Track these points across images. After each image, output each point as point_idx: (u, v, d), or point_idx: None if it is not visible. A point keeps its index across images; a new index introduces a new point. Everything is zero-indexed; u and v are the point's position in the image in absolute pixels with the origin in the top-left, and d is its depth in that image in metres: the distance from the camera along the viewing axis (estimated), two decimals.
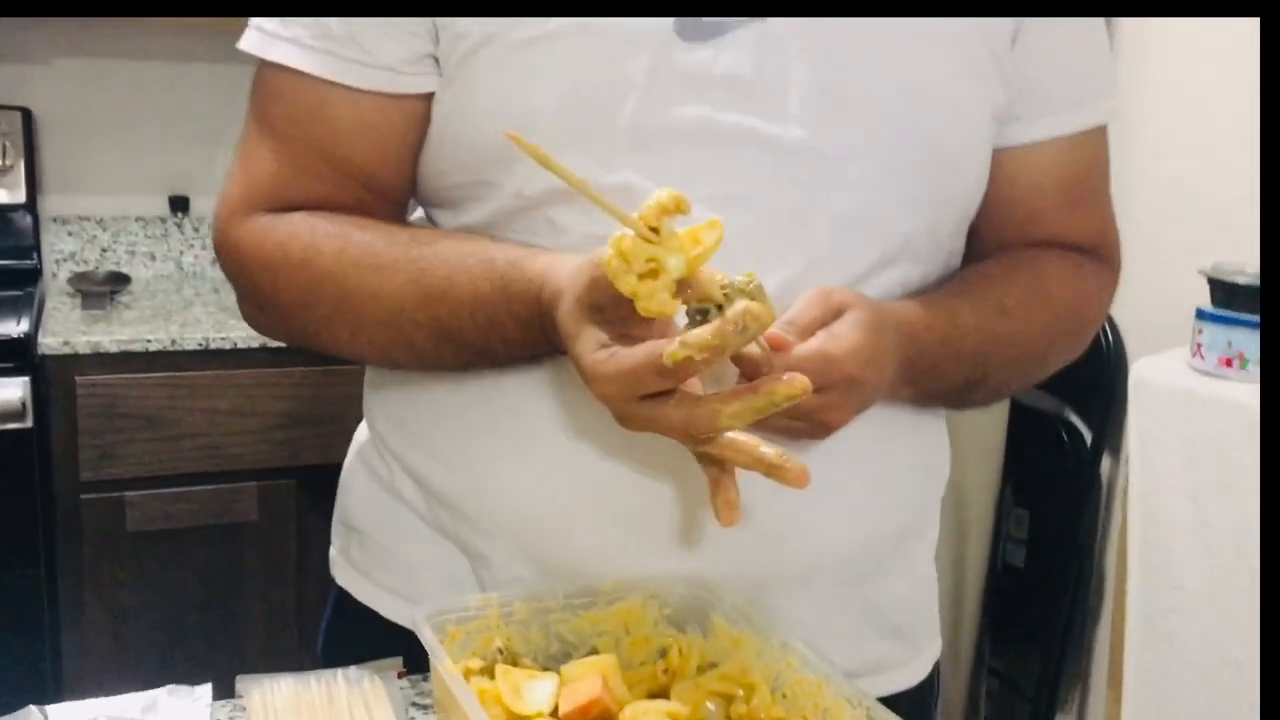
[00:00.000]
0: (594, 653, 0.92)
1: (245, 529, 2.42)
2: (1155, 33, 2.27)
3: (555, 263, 0.90)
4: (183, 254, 2.90)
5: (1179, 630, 1.86)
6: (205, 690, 0.93)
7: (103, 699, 0.92)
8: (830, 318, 0.88)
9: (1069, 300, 1.08)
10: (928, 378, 0.98)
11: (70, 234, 2.81)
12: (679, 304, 0.79)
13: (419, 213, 1.09)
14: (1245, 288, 1.84)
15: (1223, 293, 1.87)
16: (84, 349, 2.24)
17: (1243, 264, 1.87)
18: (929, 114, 0.96)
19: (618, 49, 0.91)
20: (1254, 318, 1.82)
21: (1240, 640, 1.78)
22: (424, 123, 0.99)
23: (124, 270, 2.80)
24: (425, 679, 0.97)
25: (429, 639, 0.84)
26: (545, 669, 0.89)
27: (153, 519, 2.34)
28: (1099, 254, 1.12)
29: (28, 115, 2.67)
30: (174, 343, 2.30)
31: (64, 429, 2.26)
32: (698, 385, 0.84)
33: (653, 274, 0.78)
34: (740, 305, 0.77)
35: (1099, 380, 2.35)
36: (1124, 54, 2.25)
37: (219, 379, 2.34)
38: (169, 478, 2.34)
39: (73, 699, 0.93)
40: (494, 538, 1.01)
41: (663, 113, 0.91)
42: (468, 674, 0.86)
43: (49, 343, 2.23)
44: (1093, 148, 1.10)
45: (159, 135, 2.83)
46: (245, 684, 0.94)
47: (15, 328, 2.26)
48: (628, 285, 0.78)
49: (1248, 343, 1.83)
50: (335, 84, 0.96)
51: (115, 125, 2.81)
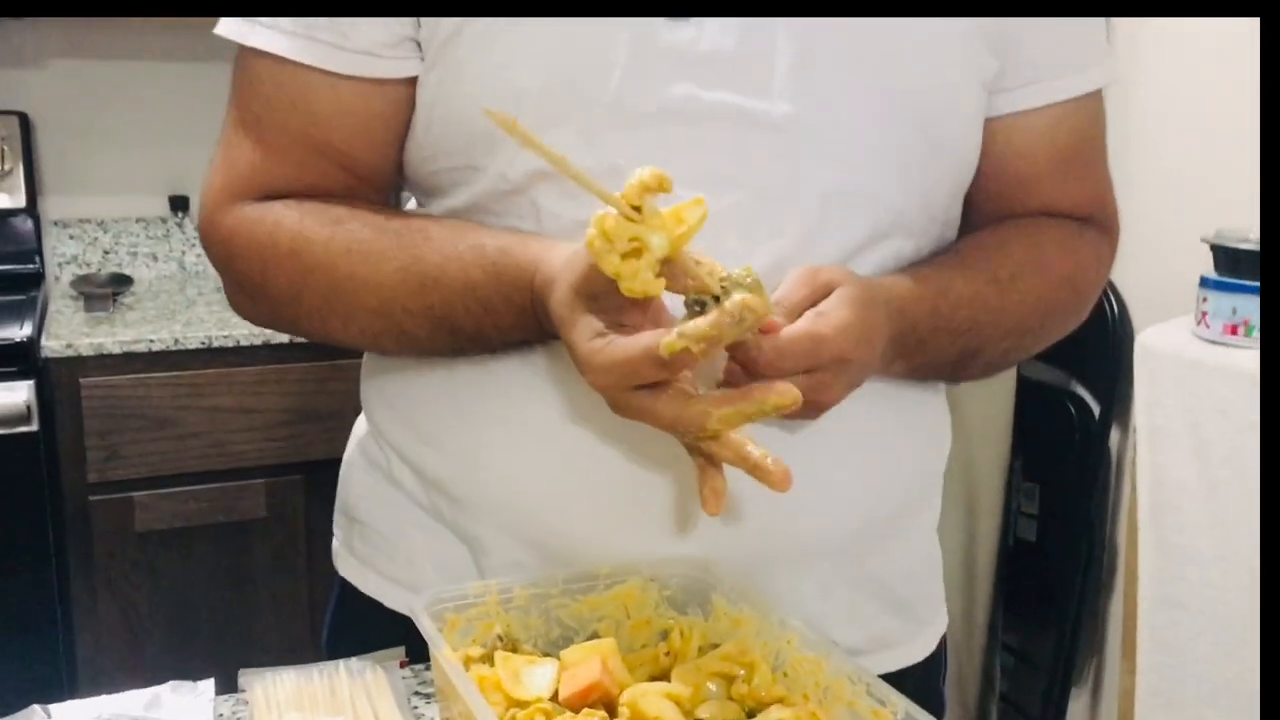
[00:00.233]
0: (594, 637, 0.91)
1: (253, 526, 2.42)
2: None
3: (548, 249, 0.90)
4: (184, 254, 2.90)
5: (1190, 598, 1.85)
6: (208, 685, 0.94)
7: (106, 696, 0.92)
8: (819, 296, 0.87)
9: (1066, 269, 1.06)
10: (919, 352, 0.97)
11: (72, 237, 2.81)
12: (663, 283, 0.79)
13: (414, 202, 1.09)
14: (1249, 254, 1.82)
15: (1226, 259, 1.86)
16: (87, 351, 2.25)
17: (1246, 230, 1.85)
18: (916, 85, 0.95)
19: (600, 28, 0.90)
20: (1258, 284, 1.81)
21: (1252, 607, 1.78)
22: (407, 108, 0.98)
23: (126, 271, 2.81)
24: (428, 668, 0.97)
25: (427, 627, 0.84)
26: (546, 655, 0.89)
27: (161, 518, 2.35)
28: (1097, 222, 1.10)
29: (25, 119, 2.68)
30: (177, 342, 2.30)
31: (70, 431, 2.27)
32: (688, 374, 0.84)
33: (636, 253, 0.78)
34: (738, 298, 0.77)
35: (1105, 351, 2.34)
36: (1123, 19, 2.23)
37: (223, 377, 2.35)
38: (176, 477, 2.35)
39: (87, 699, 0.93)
40: (491, 525, 1.01)
41: (647, 91, 0.90)
42: (468, 661, 0.86)
43: (52, 345, 2.23)
44: (1088, 114, 1.08)
45: (157, 135, 2.83)
46: (248, 678, 0.94)
47: (19, 331, 2.27)
48: (611, 265, 0.78)
49: (1252, 309, 1.82)
50: (315, 69, 0.95)
51: (113, 126, 2.81)
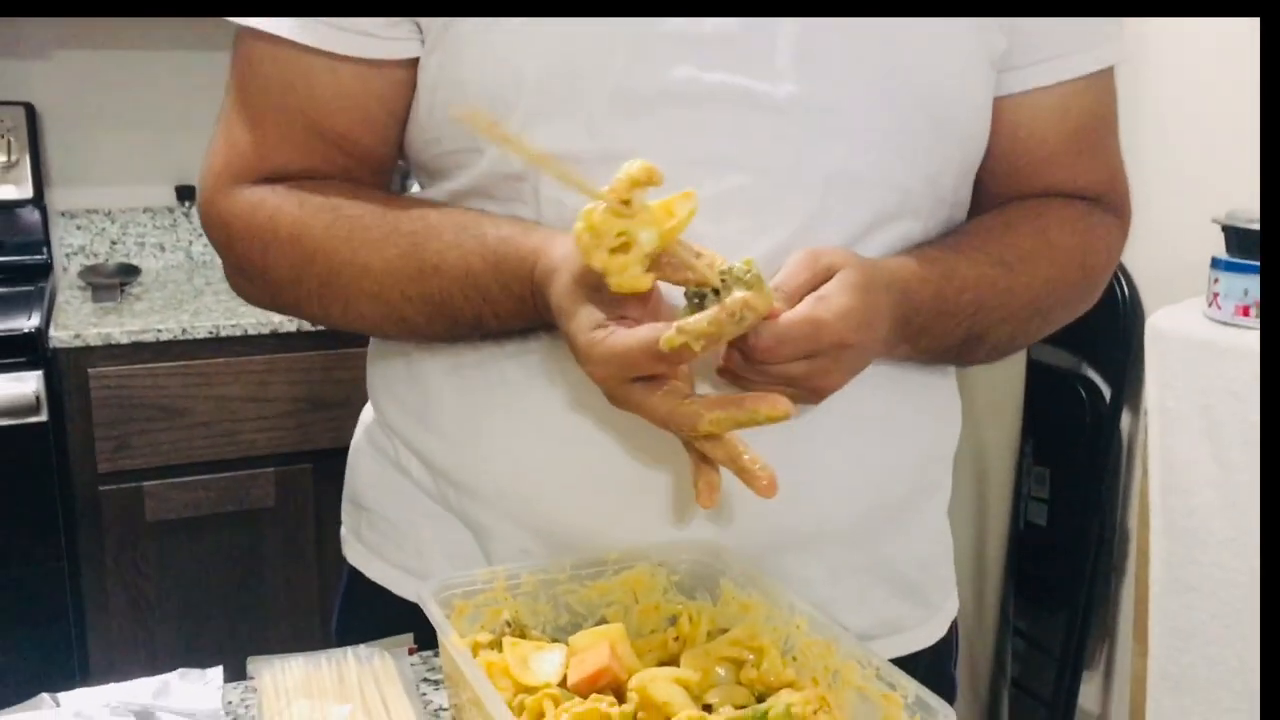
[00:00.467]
0: (603, 623, 0.91)
1: (263, 514, 2.43)
2: None
3: (548, 239, 0.90)
4: (191, 243, 2.90)
5: (1202, 581, 1.85)
6: (216, 673, 0.93)
7: (115, 685, 0.91)
8: (819, 280, 0.85)
9: (1075, 251, 1.04)
10: (924, 335, 0.95)
11: (79, 227, 2.81)
12: (652, 279, 0.78)
13: (417, 185, 1.08)
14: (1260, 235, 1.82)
15: (1237, 240, 1.85)
16: (95, 341, 2.25)
17: (1257, 211, 1.83)
18: (922, 63, 0.94)
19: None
20: None
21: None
22: (407, 90, 0.98)
23: (133, 262, 2.81)
24: (437, 655, 0.97)
25: (435, 614, 0.83)
26: (554, 640, 0.89)
27: (171, 508, 2.35)
28: (1107, 203, 1.09)
29: (31, 110, 2.67)
30: (185, 332, 2.30)
31: (79, 422, 2.27)
32: (685, 371, 0.84)
33: (624, 248, 0.76)
34: (739, 296, 0.76)
35: (1116, 334, 2.33)
36: None
37: (231, 366, 2.35)
38: (185, 466, 2.35)
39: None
40: (497, 511, 1.01)
41: (649, 74, 0.89)
42: (476, 648, 0.85)
43: (60, 336, 2.23)
44: (1098, 93, 1.06)
45: (163, 125, 2.83)
46: (256, 665, 0.93)
47: (26, 322, 2.27)
48: (599, 260, 0.76)
49: None
50: (313, 50, 0.94)
51: (119, 117, 2.81)
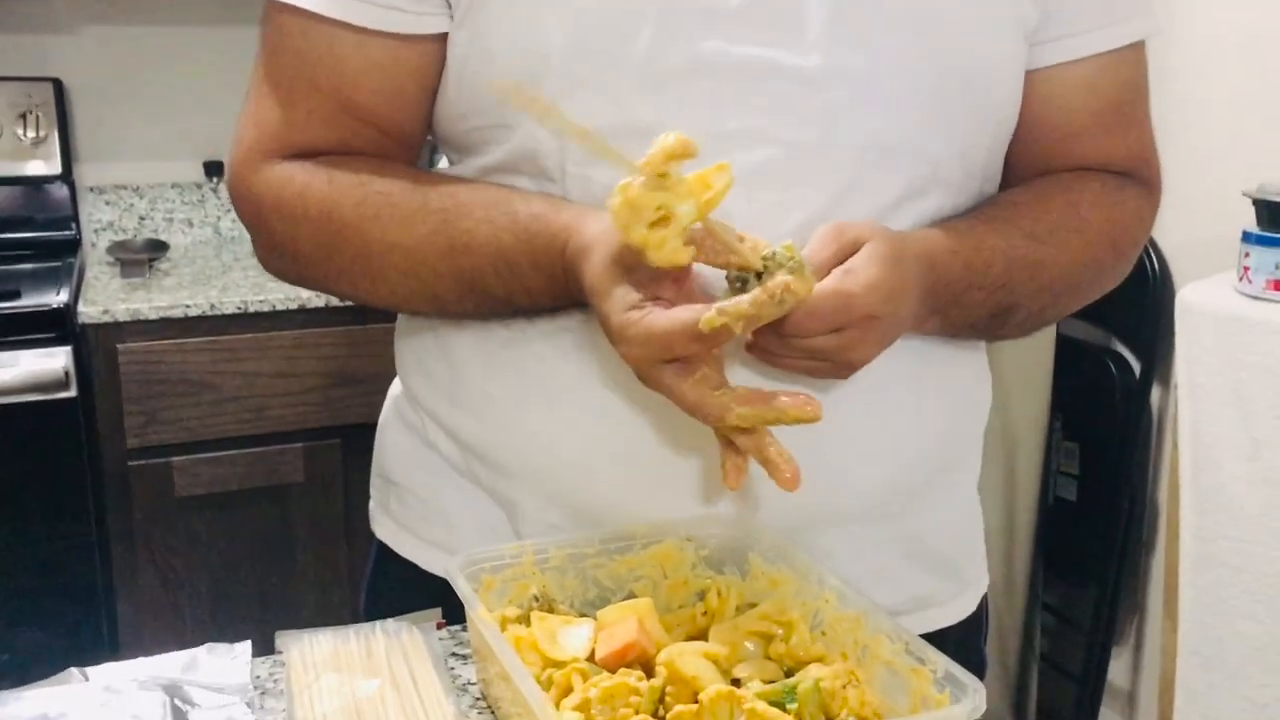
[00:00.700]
0: (631, 597, 0.91)
1: (291, 490, 2.44)
2: None
3: (580, 216, 0.89)
4: (219, 219, 2.90)
5: (1232, 555, 1.84)
6: (245, 647, 0.93)
7: (143, 659, 0.92)
8: (846, 254, 0.85)
9: (1105, 225, 1.04)
10: (953, 307, 0.95)
11: (107, 203, 2.82)
12: (692, 252, 0.78)
13: (445, 160, 1.08)
14: None
15: (1269, 214, 1.83)
16: (124, 317, 2.25)
17: None
18: (952, 34, 0.93)
19: None
20: None
21: None
22: (436, 65, 0.97)
23: (162, 237, 2.82)
24: (465, 629, 0.97)
25: (463, 588, 0.84)
26: (582, 615, 0.88)
27: (200, 483, 2.36)
28: (1138, 177, 1.08)
29: (59, 85, 2.68)
30: (213, 307, 2.31)
31: (108, 397, 2.28)
32: (718, 355, 0.85)
33: (663, 222, 0.76)
34: (781, 279, 0.77)
35: (1145, 308, 2.31)
36: None
37: (259, 341, 2.35)
38: (214, 442, 2.36)
39: None
40: (526, 486, 1.01)
41: (678, 47, 0.88)
42: (504, 622, 0.86)
43: (89, 312, 2.24)
44: (1130, 66, 1.05)
45: (191, 100, 2.83)
46: (284, 640, 0.93)
47: (55, 298, 2.28)
48: (637, 235, 0.76)
49: None
50: (342, 24, 0.94)
51: (147, 92, 2.81)
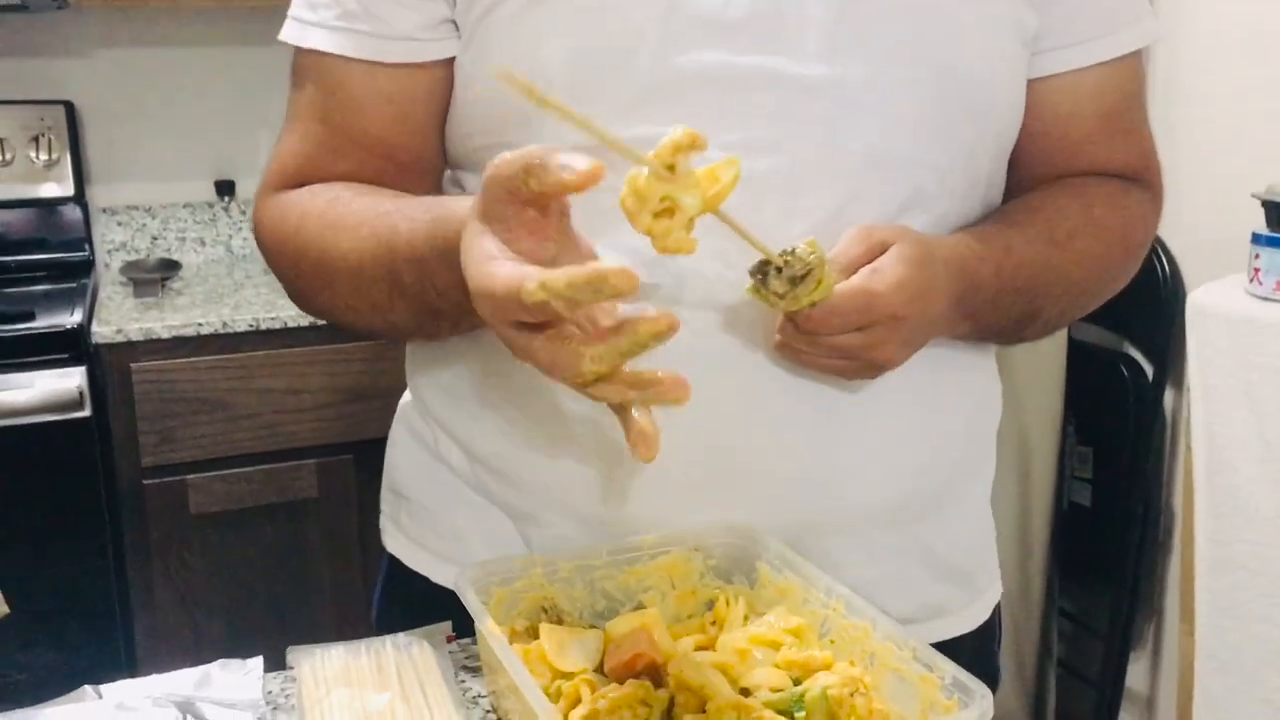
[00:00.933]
0: (640, 608, 0.91)
1: (306, 506, 2.44)
2: None
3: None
4: (231, 238, 2.92)
5: (1249, 558, 1.83)
6: (257, 663, 0.94)
7: (156, 676, 0.92)
8: (874, 254, 0.87)
9: (1118, 228, 1.05)
10: (985, 311, 0.96)
11: (120, 224, 2.84)
12: (696, 243, 0.78)
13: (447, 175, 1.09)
14: None
15: (1278, 215, 1.83)
16: (137, 336, 2.27)
17: None
18: (951, 42, 0.94)
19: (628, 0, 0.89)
20: None
21: None
22: (445, 88, 0.98)
23: (174, 257, 2.83)
24: (475, 642, 0.97)
25: (471, 601, 0.84)
26: (591, 626, 0.89)
27: (215, 500, 2.37)
28: (1142, 180, 1.09)
29: (71, 108, 2.70)
30: (225, 325, 2.32)
31: (123, 416, 2.29)
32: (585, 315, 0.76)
33: (668, 213, 0.77)
34: (596, 267, 0.70)
35: (1157, 312, 2.31)
36: None
37: (272, 359, 2.36)
38: (228, 459, 2.37)
39: None
40: (538, 497, 1.01)
41: (679, 60, 0.89)
42: (512, 635, 0.86)
43: (103, 331, 2.25)
44: (1131, 73, 1.06)
45: (201, 121, 2.85)
46: (296, 655, 0.94)
47: (69, 319, 2.29)
48: (643, 224, 0.77)
49: None
50: (354, 60, 0.96)
51: (157, 113, 2.83)
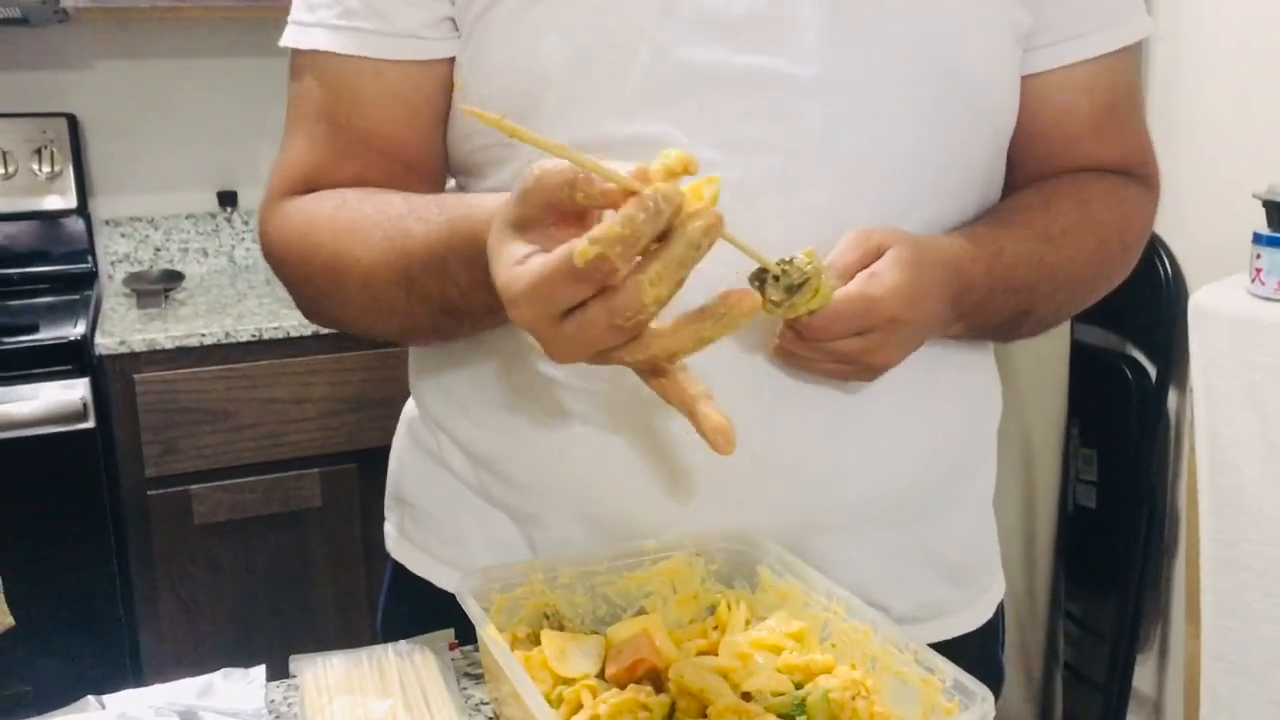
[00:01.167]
0: (641, 613, 0.91)
1: (310, 515, 2.45)
2: None
3: (503, 196, 0.82)
4: (234, 248, 2.92)
5: (1254, 559, 1.83)
6: (259, 672, 0.94)
7: (159, 686, 0.92)
8: (870, 258, 0.88)
9: (1114, 224, 1.05)
10: (978, 311, 0.96)
11: (123, 235, 2.84)
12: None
13: (451, 184, 1.09)
14: None
15: (1279, 215, 1.82)
16: (140, 347, 2.27)
17: None
18: (948, 42, 0.94)
19: None
20: None
21: None
22: (449, 88, 0.98)
23: (177, 268, 2.84)
24: (477, 649, 0.97)
25: (472, 608, 0.84)
26: (593, 632, 0.89)
27: (219, 510, 2.37)
28: (1138, 175, 1.09)
29: (73, 120, 2.71)
30: (228, 336, 2.32)
31: (126, 427, 2.29)
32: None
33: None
34: (651, 188, 0.69)
35: (1159, 313, 2.31)
36: None
37: (275, 369, 2.37)
38: (232, 469, 2.37)
39: None
40: (543, 500, 1.01)
41: (678, 59, 0.89)
42: (514, 641, 0.86)
43: (106, 343, 2.26)
44: (1125, 68, 1.07)
45: (204, 132, 2.86)
46: (298, 664, 0.94)
47: (73, 330, 2.30)
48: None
49: None
50: (358, 58, 0.96)
51: (159, 125, 2.83)
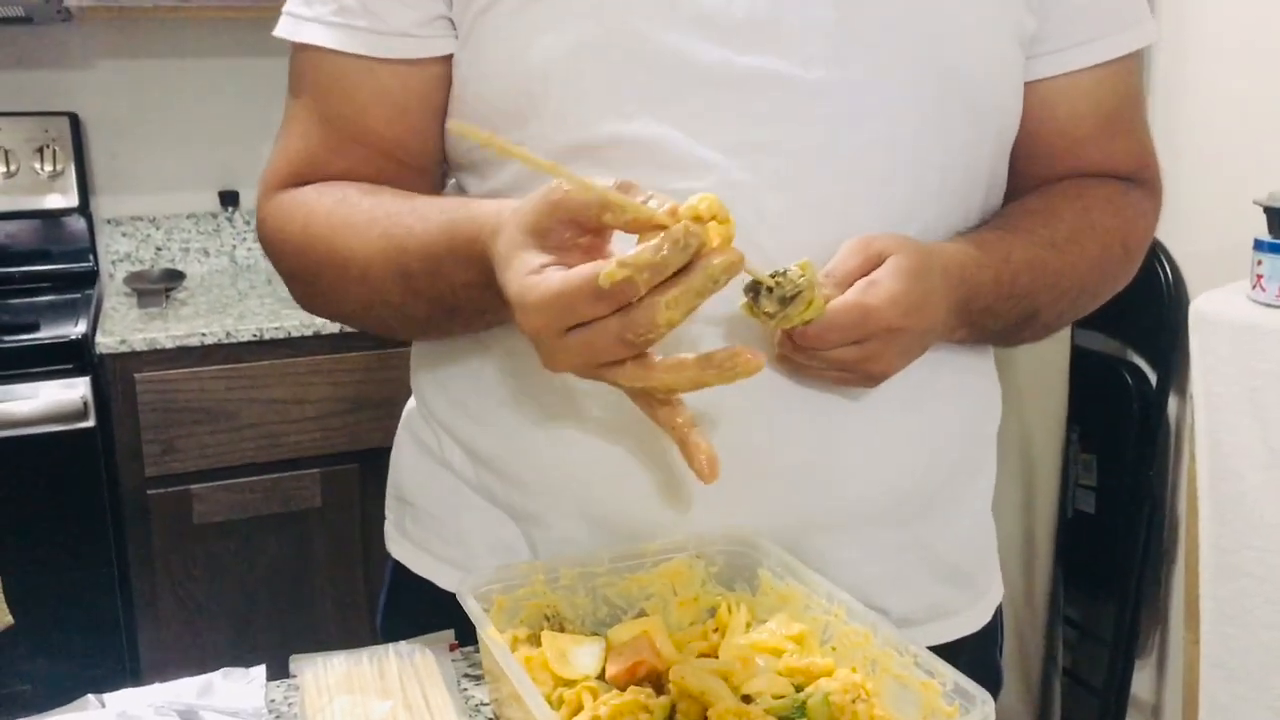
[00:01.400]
0: (642, 615, 0.91)
1: (310, 515, 2.45)
2: None
3: (507, 203, 0.86)
4: (235, 248, 2.93)
5: (1254, 566, 1.82)
6: (259, 671, 0.94)
7: (159, 685, 0.92)
8: (870, 266, 0.87)
9: (1116, 230, 1.05)
10: (984, 317, 0.97)
11: (124, 234, 2.84)
12: None
13: (451, 183, 1.09)
14: None
15: None
16: (141, 346, 2.27)
17: None
18: (951, 44, 0.94)
19: None
20: None
21: None
22: (444, 86, 0.98)
23: (178, 267, 2.84)
24: (477, 650, 0.97)
25: (472, 609, 0.84)
26: (594, 634, 0.89)
27: (219, 510, 2.37)
28: (1140, 180, 1.10)
29: (75, 120, 2.71)
30: (229, 335, 2.32)
31: (126, 426, 2.29)
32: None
33: None
34: (683, 224, 0.71)
35: (1160, 319, 2.30)
36: None
37: (276, 369, 2.37)
38: (232, 469, 2.37)
39: None
40: (545, 499, 1.01)
41: (681, 59, 0.89)
42: (515, 642, 0.86)
43: (107, 342, 2.26)
44: (1130, 73, 1.07)
45: (206, 132, 2.86)
46: (299, 663, 0.94)
47: (74, 329, 2.30)
48: None
49: None
50: (351, 55, 0.96)
51: (161, 124, 2.83)
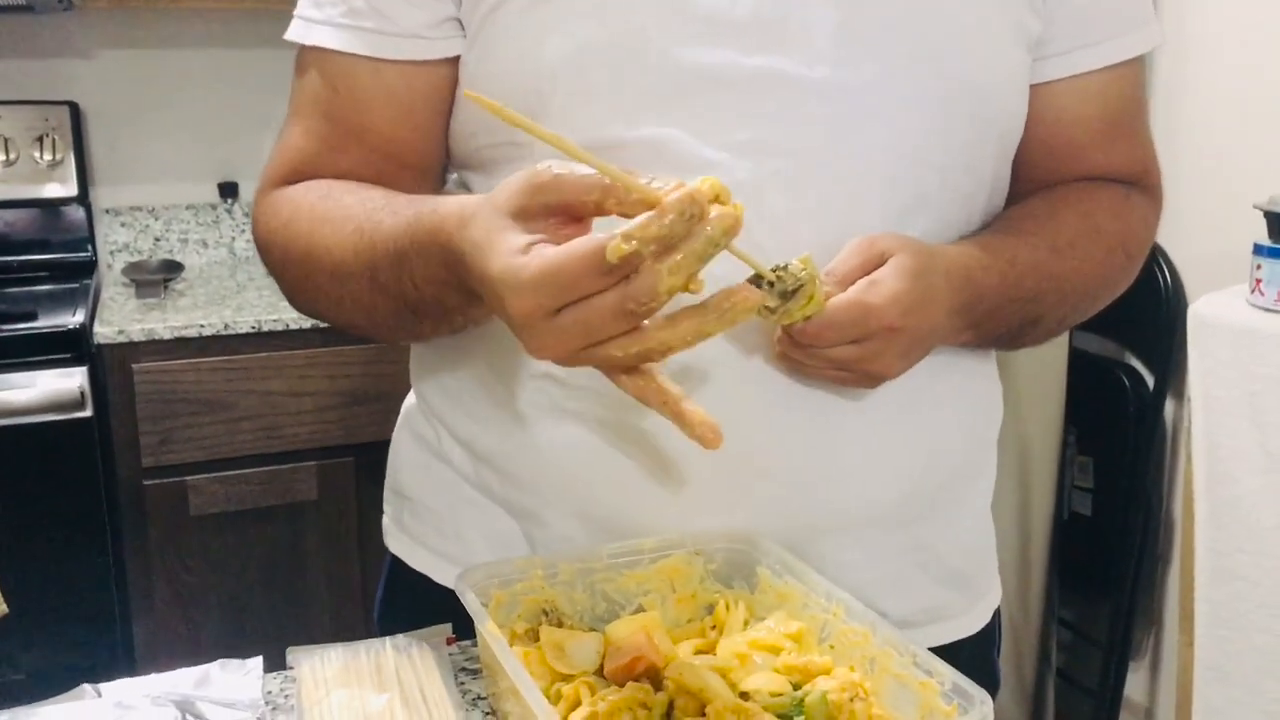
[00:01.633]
0: (640, 611, 0.91)
1: (306, 508, 2.45)
2: None
3: (473, 196, 0.84)
4: (234, 240, 2.92)
5: (1249, 569, 1.83)
6: (256, 663, 0.94)
7: (156, 675, 0.92)
8: (872, 265, 0.87)
9: (1118, 234, 1.06)
10: (989, 320, 0.97)
11: (123, 225, 2.84)
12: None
13: (453, 179, 1.09)
14: None
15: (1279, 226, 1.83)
16: (139, 337, 2.27)
17: None
18: (956, 46, 0.94)
19: None
20: None
21: None
22: (449, 87, 0.99)
23: (177, 258, 2.84)
24: (475, 644, 0.97)
25: (471, 603, 0.84)
26: (592, 629, 0.89)
27: (215, 502, 2.37)
28: (1142, 184, 1.10)
29: (75, 109, 2.70)
30: (227, 327, 2.32)
31: (123, 417, 2.29)
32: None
33: None
34: (684, 192, 0.68)
35: (1158, 322, 2.31)
36: None
37: (273, 361, 2.36)
38: (228, 460, 2.37)
39: None
40: (544, 496, 1.01)
41: (685, 59, 0.89)
42: (513, 637, 0.86)
43: (105, 332, 2.26)
44: (1131, 77, 1.07)
45: (205, 123, 2.85)
46: (296, 655, 0.94)
47: (72, 319, 2.30)
48: None
49: None
50: (358, 56, 0.96)
51: (162, 115, 2.83)
